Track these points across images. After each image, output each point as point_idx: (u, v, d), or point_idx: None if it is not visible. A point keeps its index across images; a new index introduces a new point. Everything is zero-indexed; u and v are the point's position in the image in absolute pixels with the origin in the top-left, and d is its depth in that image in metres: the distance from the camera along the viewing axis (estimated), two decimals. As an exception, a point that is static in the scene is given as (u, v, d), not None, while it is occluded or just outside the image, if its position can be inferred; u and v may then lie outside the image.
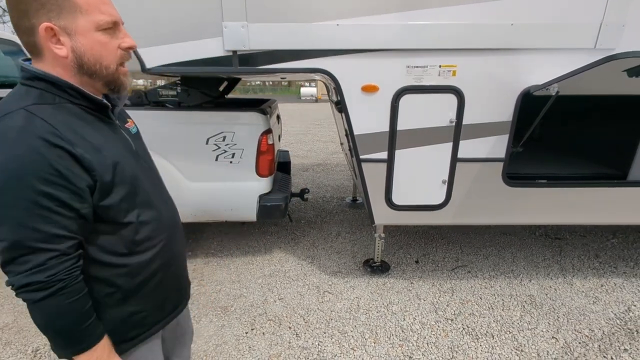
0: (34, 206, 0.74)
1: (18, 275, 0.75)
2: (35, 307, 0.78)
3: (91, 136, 0.82)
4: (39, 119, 0.75)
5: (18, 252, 0.75)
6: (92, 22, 0.79)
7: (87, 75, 0.82)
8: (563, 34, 1.97)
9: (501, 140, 2.21)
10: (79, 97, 0.82)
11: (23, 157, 0.72)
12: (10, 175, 0.73)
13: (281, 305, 2.57)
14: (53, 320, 0.80)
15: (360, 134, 2.21)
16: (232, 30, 1.95)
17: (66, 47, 0.78)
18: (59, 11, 0.76)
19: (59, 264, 0.77)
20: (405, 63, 2.06)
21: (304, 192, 3.78)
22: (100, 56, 0.82)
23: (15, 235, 0.74)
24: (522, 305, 2.56)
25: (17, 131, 0.73)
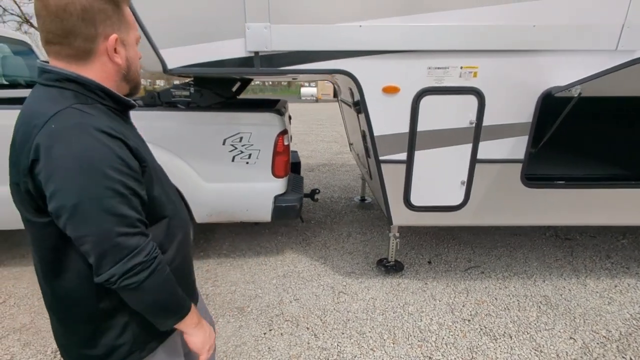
0: (114, 194, 0.76)
1: (118, 264, 0.77)
2: (142, 289, 0.81)
3: (127, 132, 0.87)
4: (90, 114, 0.79)
5: (110, 242, 0.76)
6: (135, 36, 0.91)
7: (126, 80, 0.90)
8: (584, 36, 1.97)
9: (521, 141, 2.22)
10: (107, 98, 0.87)
11: (92, 149, 0.75)
12: (87, 169, 0.74)
13: (297, 305, 2.57)
14: (159, 295, 0.86)
15: (380, 135, 2.22)
16: (254, 31, 1.95)
17: (121, 56, 0.86)
18: (119, 25, 0.84)
19: (148, 244, 0.82)
20: (426, 64, 2.07)
21: (314, 192, 3.79)
22: (137, 64, 0.94)
23: (103, 225, 0.76)
24: (537, 306, 2.57)
25: (78, 126, 0.76)
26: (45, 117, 0.75)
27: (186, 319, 0.93)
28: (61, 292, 0.90)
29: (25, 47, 3.83)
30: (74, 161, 0.74)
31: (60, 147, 0.73)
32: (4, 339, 2.21)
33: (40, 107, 0.78)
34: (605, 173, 2.64)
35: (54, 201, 0.75)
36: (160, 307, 0.88)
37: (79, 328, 0.93)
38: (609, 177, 2.60)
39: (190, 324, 0.95)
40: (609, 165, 3.03)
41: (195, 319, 0.97)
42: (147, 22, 1.89)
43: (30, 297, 2.62)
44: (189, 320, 0.94)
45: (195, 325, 0.96)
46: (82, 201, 0.74)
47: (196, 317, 0.97)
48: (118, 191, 0.77)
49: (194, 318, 0.96)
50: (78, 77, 0.82)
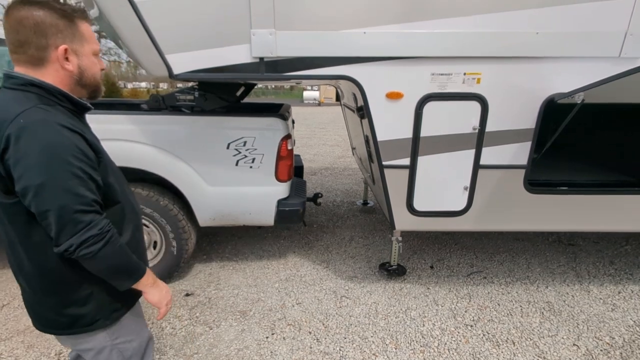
0: (73, 177, 0.91)
1: (75, 236, 0.91)
2: (98, 258, 0.96)
3: (84, 129, 1.02)
4: (52, 112, 0.94)
5: (68, 217, 0.90)
6: (91, 48, 1.05)
7: (80, 85, 1.05)
8: (587, 43, 1.98)
9: (524, 147, 2.22)
10: (65, 101, 1.01)
11: (55, 139, 0.90)
12: (51, 156, 0.89)
13: (299, 310, 2.57)
14: (115, 262, 1.01)
15: (384, 140, 2.23)
16: (260, 37, 1.97)
17: (73, 64, 1.00)
18: (72, 37, 0.99)
19: (102, 220, 0.97)
20: (430, 70, 2.08)
21: (317, 196, 3.79)
22: (93, 73, 1.07)
23: (63, 202, 0.90)
24: (540, 312, 2.56)
25: (43, 121, 0.90)
26: (14, 114, 0.89)
27: (142, 280, 1.09)
28: (29, 265, 1.03)
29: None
30: (39, 149, 0.88)
31: (27, 137, 0.87)
32: (7, 340, 2.23)
33: (9, 107, 0.91)
34: (608, 179, 2.63)
35: (21, 182, 0.89)
36: (117, 272, 1.04)
37: (46, 298, 1.07)
38: (613, 183, 2.60)
39: (147, 284, 1.11)
40: (613, 172, 3.02)
41: (151, 279, 1.13)
42: (153, 27, 1.91)
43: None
44: (145, 281, 1.10)
45: (151, 285, 1.13)
46: (45, 182, 0.88)
47: (151, 278, 1.13)
48: (77, 175, 0.91)
49: (150, 279, 1.12)
50: (40, 82, 0.96)
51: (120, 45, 2.10)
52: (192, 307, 2.58)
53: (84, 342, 1.15)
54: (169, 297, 1.19)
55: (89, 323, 1.11)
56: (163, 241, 2.70)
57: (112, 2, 1.91)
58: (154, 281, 1.14)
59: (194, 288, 2.81)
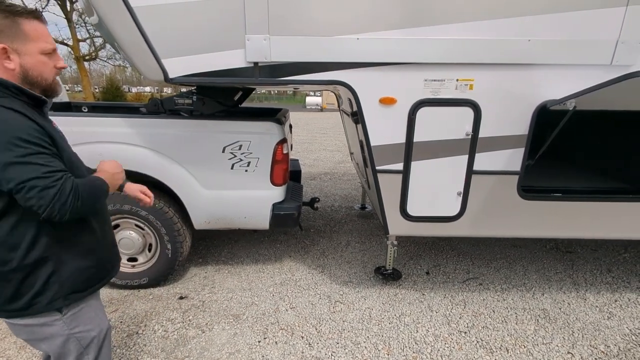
0: (34, 152, 0.99)
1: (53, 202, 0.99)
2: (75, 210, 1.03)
3: (41, 120, 1.08)
4: (7, 103, 1.01)
5: (40, 183, 0.97)
6: (38, 47, 1.07)
7: (28, 84, 1.09)
8: (579, 50, 1.99)
9: (517, 153, 2.23)
10: (20, 94, 1.06)
11: (13, 123, 0.99)
12: (9, 136, 0.96)
13: (293, 314, 2.56)
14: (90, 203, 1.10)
15: (377, 145, 2.24)
16: (254, 42, 1.99)
17: (14, 63, 1.05)
18: (13, 37, 1.03)
19: (68, 179, 1.03)
20: (423, 76, 2.10)
21: (314, 201, 3.81)
22: (41, 71, 1.09)
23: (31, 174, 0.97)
24: (535, 319, 2.54)
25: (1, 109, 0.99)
26: None
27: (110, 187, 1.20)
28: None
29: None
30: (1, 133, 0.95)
31: None
32: (0, 341, 2.23)
33: None
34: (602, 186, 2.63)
35: None
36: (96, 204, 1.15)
37: (3, 285, 1.08)
38: (606, 190, 2.60)
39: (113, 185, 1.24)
40: (606, 178, 3.02)
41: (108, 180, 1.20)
42: (149, 32, 1.94)
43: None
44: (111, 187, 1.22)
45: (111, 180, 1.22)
46: (11, 160, 0.96)
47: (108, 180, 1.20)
48: (37, 151, 0.99)
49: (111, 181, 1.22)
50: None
51: (117, 50, 2.13)
52: (185, 310, 2.58)
53: (40, 331, 1.16)
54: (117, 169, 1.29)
55: (45, 303, 1.12)
56: (158, 244, 2.71)
57: (110, 8, 1.94)
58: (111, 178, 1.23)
59: (188, 291, 2.81)
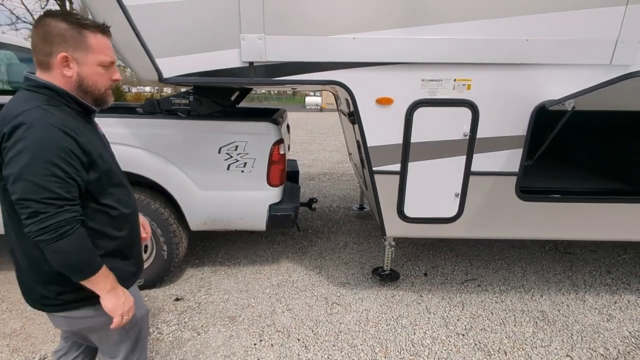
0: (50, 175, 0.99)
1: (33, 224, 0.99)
2: (51, 248, 1.01)
3: (79, 128, 1.09)
4: (51, 114, 1.03)
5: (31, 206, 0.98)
6: (97, 59, 1.12)
7: (82, 91, 1.13)
8: (578, 50, 1.97)
9: (515, 154, 2.21)
10: (73, 102, 1.12)
11: (44, 138, 0.99)
12: (35, 151, 0.98)
13: (289, 316, 2.54)
14: (70, 255, 1.05)
15: (374, 146, 2.22)
16: (249, 42, 1.97)
17: (73, 71, 1.09)
18: (75, 47, 1.08)
19: (64, 214, 1.01)
20: (420, 76, 2.08)
21: (312, 201, 3.78)
22: (96, 82, 1.14)
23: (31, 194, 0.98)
24: (534, 322, 2.52)
25: (38, 121, 1.00)
26: (17, 112, 1.00)
27: (97, 282, 1.11)
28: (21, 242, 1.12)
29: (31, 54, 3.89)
30: (27, 144, 0.97)
31: (20, 132, 0.98)
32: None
33: (16, 105, 1.03)
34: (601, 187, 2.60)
35: (7, 169, 1.00)
36: (70, 265, 1.07)
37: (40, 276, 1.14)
38: (606, 191, 2.58)
39: (102, 289, 1.12)
40: (605, 179, 2.99)
41: (109, 285, 1.13)
42: (143, 32, 1.92)
43: (23, 302, 2.61)
44: (102, 285, 1.12)
45: (108, 291, 1.13)
46: (21, 173, 0.98)
47: (109, 284, 1.14)
48: (54, 173, 0.99)
49: (107, 284, 1.13)
50: (50, 85, 1.08)
51: (112, 49, 2.11)
52: (181, 312, 2.56)
53: (82, 322, 1.22)
54: (127, 309, 1.17)
55: (84, 298, 1.17)
56: (154, 245, 2.69)
57: (104, 7, 1.92)
58: (111, 287, 1.14)
59: (184, 293, 2.79)
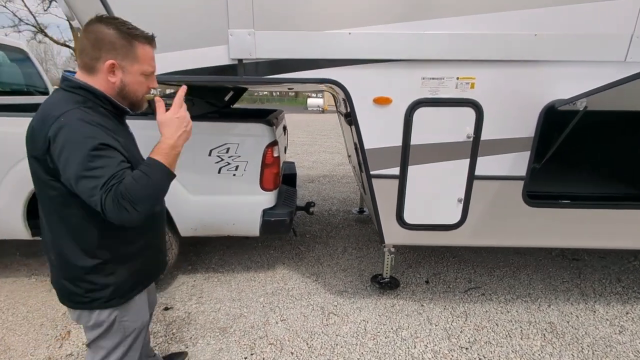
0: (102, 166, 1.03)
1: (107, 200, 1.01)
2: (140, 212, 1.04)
3: (116, 129, 1.16)
4: (90, 115, 1.08)
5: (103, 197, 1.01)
6: (141, 69, 1.17)
7: (121, 96, 1.18)
8: (591, 46, 1.84)
9: (522, 157, 2.07)
10: (107, 104, 1.17)
11: (89, 137, 1.04)
12: (84, 151, 1.02)
13: (283, 327, 2.42)
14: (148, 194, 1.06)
15: (371, 148, 2.09)
16: (238, 37, 1.86)
17: (117, 78, 1.15)
18: (124, 56, 1.13)
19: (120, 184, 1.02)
20: (420, 74, 1.95)
21: (309, 205, 3.65)
22: (136, 89, 1.20)
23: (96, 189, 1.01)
24: (542, 334, 2.38)
25: (80, 122, 1.05)
26: (59, 113, 1.05)
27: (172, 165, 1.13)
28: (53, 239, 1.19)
29: (22, 54, 3.81)
30: (76, 145, 1.02)
31: (65, 134, 1.03)
32: None
33: (56, 106, 1.08)
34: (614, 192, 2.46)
35: (64, 174, 1.04)
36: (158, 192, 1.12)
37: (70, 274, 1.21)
38: (618, 196, 2.43)
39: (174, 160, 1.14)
40: (618, 184, 2.85)
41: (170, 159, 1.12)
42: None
43: (5, 311, 2.51)
44: (173, 163, 1.13)
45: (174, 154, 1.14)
46: (80, 176, 1.02)
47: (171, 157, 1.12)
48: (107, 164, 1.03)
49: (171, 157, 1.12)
50: (88, 87, 1.13)
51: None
52: (169, 322, 2.43)
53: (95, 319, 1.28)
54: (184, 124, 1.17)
55: (106, 301, 1.25)
56: (142, 252, 2.57)
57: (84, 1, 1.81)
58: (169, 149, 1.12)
59: (174, 301, 2.67)
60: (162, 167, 1.08)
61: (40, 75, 4.03)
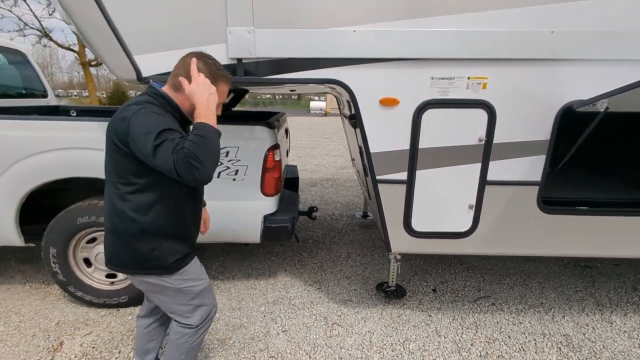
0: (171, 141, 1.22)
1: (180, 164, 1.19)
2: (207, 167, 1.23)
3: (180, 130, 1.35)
4: (162, 113, 1.33)
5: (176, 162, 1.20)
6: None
7: (189, 112, 1.40)
8: (612, 44, 1.73)
9: (537, 161, 1.96)
10: (177, 112, 1.39)
11: (158, 120, 1.26)
12: (153, 127, 1.23)
13: (285, 339, 2.31)
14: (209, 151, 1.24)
15: (377, 152, 1.99)
16: (237, 36, 1.76)
17: None
18: None
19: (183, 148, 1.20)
20: (429, 74, 1.85)
21: (312, 210, 3.56)
22: None
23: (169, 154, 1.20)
24: (557, 347, 2.26)
25: (153, 114, 1.29)
26: (135, 110, 1.27)
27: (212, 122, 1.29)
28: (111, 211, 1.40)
29: (20, 57, 3.74)
30: (146, 125, 1.23)
31: (137, 120, 1.25)
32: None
33: (137, 103, 1.32)
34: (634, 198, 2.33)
35: (142, 149, 1.22)
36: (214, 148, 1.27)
37: (134, 243, 1.39)
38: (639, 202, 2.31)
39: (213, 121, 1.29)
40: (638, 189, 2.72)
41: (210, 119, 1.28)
42: (119, 25, 1.72)
43: (-4, 320, 2.42)
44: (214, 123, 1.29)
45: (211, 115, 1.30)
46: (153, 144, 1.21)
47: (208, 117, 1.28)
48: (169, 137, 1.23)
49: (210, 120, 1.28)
50: (166, 95, 1.38)
51: (87, 46, 1.92)
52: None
53: (159, 285, 1.46)
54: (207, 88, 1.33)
55: (166, 266, 1.43)
56: (138, 259, 2.48)
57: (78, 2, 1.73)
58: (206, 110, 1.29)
59: (171, 311, 2.57)
60: (208, 125, 1.25)
61: (40, 78, 3.96)
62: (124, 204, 1.35)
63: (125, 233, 1.37)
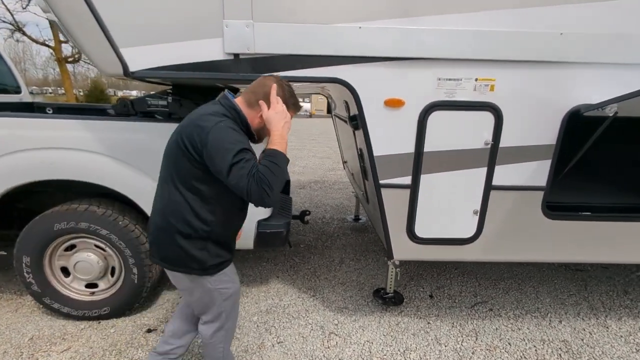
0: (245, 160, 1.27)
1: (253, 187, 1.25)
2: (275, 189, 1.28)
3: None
4: (236, 128, 1.37)
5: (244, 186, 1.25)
6: None
7: (255, 129, 1.47)
8: (623, 47, 1.71)
9: (543, 165, 1.93)
10: (245, 126, 1.43)
11: (237, 139, 1.31)
12: (232, 145, 1.28)
13: (281, 350, 2.19)
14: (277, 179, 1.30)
15: (381, 155, 1.90)
16: (234, 29, 1.64)
17: (263, 120, 1.42)
18: None
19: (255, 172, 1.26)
20: (436, 75, 1.78)
21: (304, 214, 3.45)
22: (266, 132, 1.45)
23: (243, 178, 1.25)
24: (557, 354, 2.23)
25: (229, 129, 1.33)
26: (214, 122, 1.31)
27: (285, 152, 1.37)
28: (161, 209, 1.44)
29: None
30: (228, 142, 1.28)
31: (215, 135, 1.28)
32: None
33: (213, 115, 1.35)
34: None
35: (217, 164, 1.27)
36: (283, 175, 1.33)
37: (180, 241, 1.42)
38: None
39: (284, 148, 1.37)
40: None
41: (282, 147, 1.36)
42: (104, 15, 1.58)
43: (-39, 337, 2.20)
44: (285, 150, 1.37)
45: (284, 143, 1.37)
46: (230, 162, 1.25)
47: (281, 146, 1.36)
48: (246, 158, 1.28)
49: (282, 147, 1.35)
50: (239, 110, 1.41)
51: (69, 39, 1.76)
52: (152, 346, 2.17)
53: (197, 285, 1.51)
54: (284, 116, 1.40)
55: (207, 268, 1.47)
56: (122, 267, 2.32)
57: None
58: (280, 139, 1.36)
59: (158, 322, 2.41)
60: (281, 153, 1.32)
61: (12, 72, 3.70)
62: (183, 205, 1.38)
63: (177, 232, 1.41)
